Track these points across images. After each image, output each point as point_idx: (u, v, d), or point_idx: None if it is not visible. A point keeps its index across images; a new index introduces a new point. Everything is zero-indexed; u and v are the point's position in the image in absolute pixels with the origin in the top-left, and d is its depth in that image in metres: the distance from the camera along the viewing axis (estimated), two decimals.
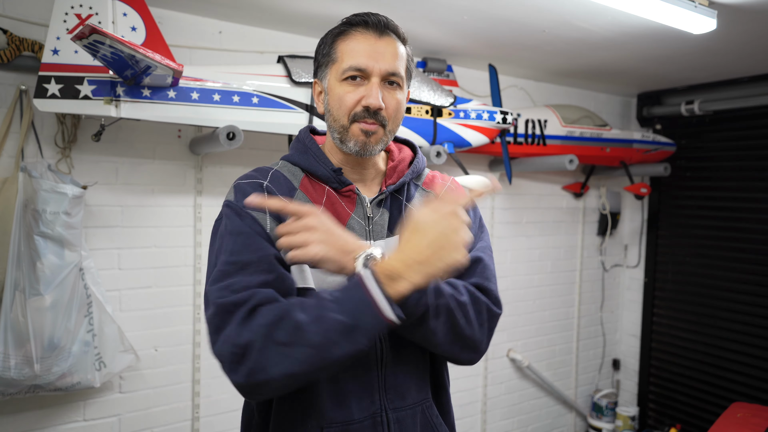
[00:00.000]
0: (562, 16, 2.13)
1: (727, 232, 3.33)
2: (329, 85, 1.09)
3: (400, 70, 1.07)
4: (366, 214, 1.10)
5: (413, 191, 1.19)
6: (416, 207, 1.16)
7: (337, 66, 1.06)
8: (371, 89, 1.03)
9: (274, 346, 0.86)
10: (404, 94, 1.10)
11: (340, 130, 1.07)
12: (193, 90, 1.89)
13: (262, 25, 2.32)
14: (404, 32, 1.10)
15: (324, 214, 0.96)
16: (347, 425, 1.01)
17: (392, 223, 1.13)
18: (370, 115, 1.04)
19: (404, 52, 1.09)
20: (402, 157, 1.20)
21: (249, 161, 2.34)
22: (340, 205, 1.09)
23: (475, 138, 2.52)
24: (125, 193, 2.11)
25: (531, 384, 3.42)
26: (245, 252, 0.96)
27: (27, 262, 1.76)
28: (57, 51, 1.69)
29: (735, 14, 2.06)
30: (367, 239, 1.09)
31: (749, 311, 3.20)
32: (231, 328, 0.89)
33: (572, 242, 3.58)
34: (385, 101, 1.05)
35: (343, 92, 1.05)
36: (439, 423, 1.13)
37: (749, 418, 2.65)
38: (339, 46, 1.07)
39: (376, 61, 1.04)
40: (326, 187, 1.09)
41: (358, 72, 1.04)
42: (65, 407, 2.02)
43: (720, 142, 3.37)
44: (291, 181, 1.08)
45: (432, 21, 2.23)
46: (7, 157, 1.87)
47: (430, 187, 1.22)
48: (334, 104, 1.07)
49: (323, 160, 1.10)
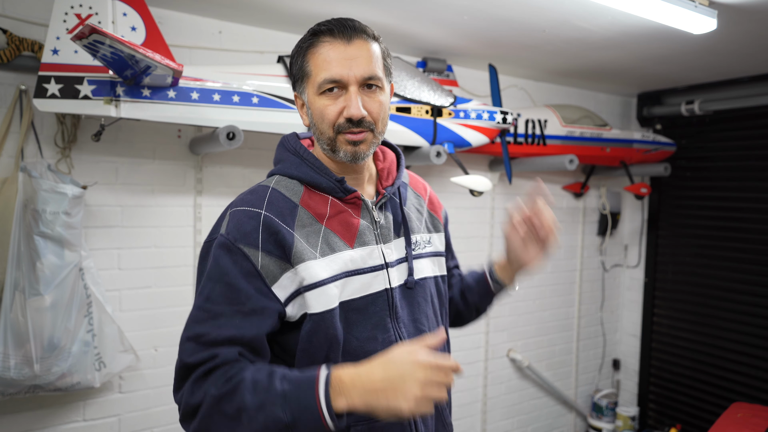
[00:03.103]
0: (562, 16, 2.13)
1: (727, 232, 3.32)
2: (309, 99, 1.07)
3: (377, 71, 1.05)
4: (374, 218, 1.12)
5: (404, 192, 1.22)
6: (410, 209, 1.21)
7: (312, 80, 1.05)
8: (350, 99, 1.02)
9: (219, 416, 0.91)
10: (386, 93, 1.09)
11: (328, 142, 1.06)
12: (193, 90, 1.88)
13: (262, 25, 2.32)
14: (373, 30, 1.08)
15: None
16: (374, 422, 1.03)
17: (395, 224, 1.16)
18: (355, 124, 1.03)
19: (378, 50, 1.07)
20: (389, 158, 1.21)
21: (249, 161, 2.34)
22: (347, 213, 1.09)
23: (475, 138, 2.52)
24: (125, 193, 2.11)
25: (531, 384, 3.42)
26: (221, 302, 0.98)
27: (27, 262, 1.76)
28: (57, 51, 1.68)
29: (735, 14, 2.06)
30: (376, 243, 1.11)
31: (749, 311, 3.19)
32: (187, 387, 0.95)
33: (572, 242, 3.58)
34: (367, 107, 1.04)
35: (322, 106, 1.04)
36: (447, 415, 1.21)
37: (749, 418, 2.65)
38: (310, 59, 1.05)
39: (350, 69, 1.02)
40: (329, 198, 1.09)
41: (333, 83, 1.02)
42: (65, 407, 2.02)
43: (720, 142, 3.37)
44: (290, 198, 1.07)
45: (432, 21, 2.23)
46: (7, 157, 1.87)
47: (416, 188, 1.28)
48: (317, 118, 1.06)
49: (324, 170, 1.09)
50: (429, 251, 1.21)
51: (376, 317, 1.07)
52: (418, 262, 1.17)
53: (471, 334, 3.10)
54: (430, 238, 1.22)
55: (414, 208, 1.23)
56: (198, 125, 1.95)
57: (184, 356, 0.97)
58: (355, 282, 1.06)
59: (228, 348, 0.96)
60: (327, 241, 1.05)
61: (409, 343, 0.92)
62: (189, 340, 0.98)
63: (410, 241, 1.16)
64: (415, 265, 1.15)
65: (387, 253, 1.11)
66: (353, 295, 1.06)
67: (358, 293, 1.06)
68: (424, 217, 1.24)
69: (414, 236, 1.18)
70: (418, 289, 1.15)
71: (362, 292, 1.07)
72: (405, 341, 1.08)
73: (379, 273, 1.09)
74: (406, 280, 1.13)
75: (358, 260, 1.07)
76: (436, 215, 1.28)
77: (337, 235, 1.07)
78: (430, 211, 1.27)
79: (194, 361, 0.96)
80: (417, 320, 1.13)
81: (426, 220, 1.25)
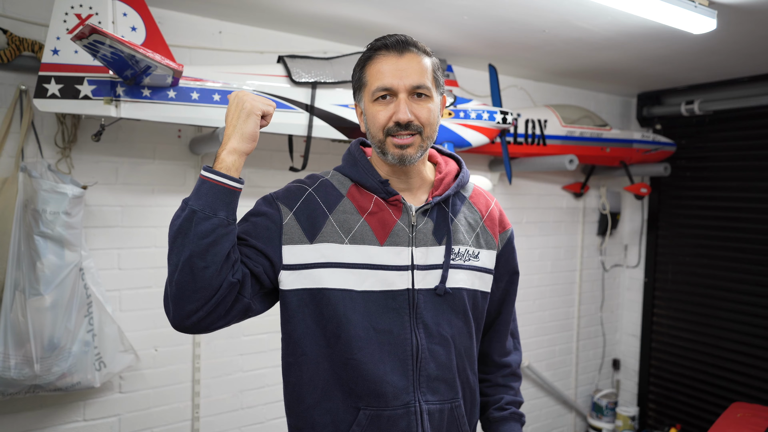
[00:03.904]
0: (562, 16, 2.13)
1: (727, 232, 3.33)
2: (365, 106, 1.19)
3: (426, 81, 1.14)
4: (411, 222, 1.18)
5: (459, 204, 1.26)
6: (460, 220, 1.25)
7: (368, 89, 1.17)
8: (399, 105, 1.12)
9: (173, 248, 1.05)
10: (436, 103, 1.18)
11: (379, 145, 1.17)
12: (193, 90, 1.89)
13: (262, 25, 2.32)
14: (425, 45, 1.18)
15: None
16: (382, 410, 1.11)
17: (437, 232, 1.20)
18: (402, 128, 1.12)
19: (428, 63, 1.17)
20: (448, 170, 1.28)
21: (249, 161, 2.34)
22: (387, 212, 1.18)
23: (475, 138, 2.52)
24: (125, 193, 2.11)
25: (531, 384, 3.42)
26: (241, 233, 1.13)
27: (27, 262, 1.76)
28: (57, 51, 1.68)
29: (735, 14, 2.06)
30: (409, 245, 1.16)
31: (749, 311, 3.19)
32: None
33: (572, 242, 3.58)
34: (415, 112, 1.13)
35: (375, 111, 1.15)
36: (463, 423, 1.22)
37: (749, 418, 2.65)
38: (367, 70, 1.17)
39: (401, 79, 1.12)
40: (374, 196, 1.19)
41: (385, 91, 1.13)
42: (65, 407, 2.02)
43: (720, 142, 3.37)
44: (338, 189, 1.20)
45: (432, 21, 2.23)
46: (7, 157, 1.87)
47: (476, 204, 1.30)
48: (371, 123, 1.17)
49: (371, 171, 1.20)
50: (472, 264, 1.22)
51: (394, 313, 1.14)
52: (456, 272, 1.19)
53: None
54: (478, 253, 1.24)
55: (465, 221, 1.25)
56: (198, 125, 1.95)
57: None
58: (377, 276, 1.14)
59: None
60: (361, 232, 1.15)
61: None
62: None
63: (450, 250, 1.19)
64: (450, 275, 1.18)
65: (417, 256, 1.16)
66: (374, 287, 1.13)
67: (379, 287, 1.14)
68: (477, 232, 1.26)
69: (457, 247, 1.20)
70: (449, 297, 1.18)
71: (382, 287, 1.14)
72: (422, 342, 1.14)
73: (404, 273, 1.15)
74: (437, 287, 1.17)
75: (385, 257, 1.15)
76: (491, 233, 1.28)
77: (372, 230, 1.16)
78: (485, 227, 1.28)
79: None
80: (440, 325, 1.16)
81: (479, 234, 1.26)
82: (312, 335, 1.14)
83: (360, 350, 1.11)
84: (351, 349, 1.11)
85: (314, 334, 1.14)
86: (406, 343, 1.13)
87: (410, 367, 1.13)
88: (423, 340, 1.14)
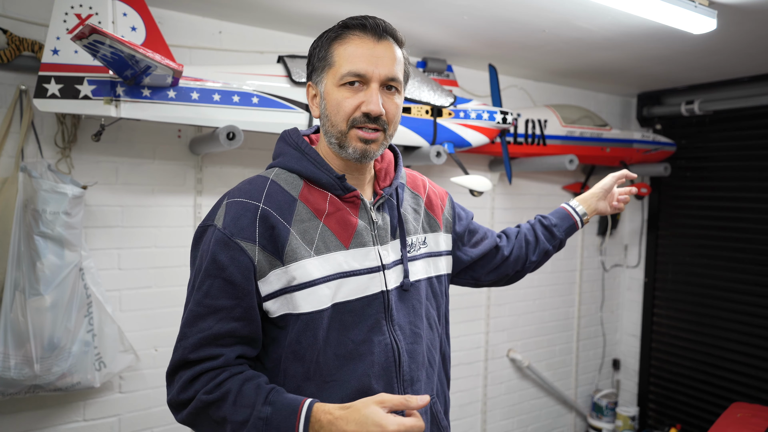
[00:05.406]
0: (562, 16, 2.13)
1: (727, 232, 3.32)
2: (326, 89, 1.07)
3: (399, 74, 1.07)
4: (371, 219, 1.11)
5: (402, 192, 1.21)
6: (407, 210, 1.20)
7: (335, 70, 1.05)
8: (371, 95, 1.02)
9: (206, 417, 0.99)
10: (402, 98, 1.11)
11: (338, 136, 1.06)
12: (193, 90, 1.89)
13: (262, 25, 2.32)
14: (401, 35, 1.10)
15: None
16: None
17: (392, 227, 1.15)
18: (371, 120, 1.03)
19: (401, 55, 1.09)
20: (387, 158, 1.21)
21: (249, 161, 2.34)
22: (345, 211, 1.08)
23: (475, 138, 2.52)
24: (125, 193, 2.11)
25: (531, 384, 3.42)
26: (221, 297, 0.99)
27: (27, 262, 1.76)
28: (57, 51, 1.68)
29: (735, 14, 2.06)
30: (374, 244, 1.10)
31: (749, 311, 3.19)
32: (179, 382, 1.01)
33: (572, 242, 3.57)
34: (384, 106, 1.04)
35: (341, 97, 1.03)
36: (442, 418, 1.21)
37: (749, 418, 2.65)
38: (336, 49, 1.05)
39: (376, 66, 1.03)
40: (328, 194, 1.08)
41: (356, 77, 1.03)
42: (65, 407, 2.02)
43: (720, 142, 3.37)
44: (289, 192, 1.06)
45: (432, 21, 2.23)
46: (7, 157, 1.87)
47: (415, 188, 1.26)
48: (332, 109, 1.05)
49: (324, 166, 1.08)
50: (423, 252, 1.20)
51: (371, 319, 1.07)
52: (413, 264, 1.16)
53: (471, 334, 3.11)
54: (425, 239, 1.21)
55: (411, 209, 1.22)
56: (198, 125, 1.95)
57: (187, 352, 1.00)
58: (350, 283, 1.05)
59: (230, 343, 1.00)
60: (323, 238, 1.04)
61: (378, 408, 0.90)
62: (192, 335, 1.00)
63: (405, 243, 1.15)
64: (410, 268, 1.15)
65: (384, 255, 1.10)
66: (348, 296, 1.05)
67: (354, 295, 1.05)
68: (421, 218, 1.24)
69: (409, 238, 1.17)
70: (413, 291, 1.15)
71: (358, 294, 1.06)
72: (401, 345, 1.09)
73: (375, 275, 1.08)
74: (402, 282, 1.12)
75: (354, 261, 1.06)
76: (434, 215, 1.27)
77: (334, 233, 1.06)
78: (427, 211, 1.26)
79: (196, 357, 0.99)
80: (412, 323, 1.13)
81: (423, 220, 1.24)
82: (291, 360, 1.04)
83: (338, 369, 1.03)
84: (330, 370, 1.03)
85: (294, 358, 1.04)
86: (387, 350, 1.07)
87: (394, 373, 1.08)
88: (401, 342, 1.09)
